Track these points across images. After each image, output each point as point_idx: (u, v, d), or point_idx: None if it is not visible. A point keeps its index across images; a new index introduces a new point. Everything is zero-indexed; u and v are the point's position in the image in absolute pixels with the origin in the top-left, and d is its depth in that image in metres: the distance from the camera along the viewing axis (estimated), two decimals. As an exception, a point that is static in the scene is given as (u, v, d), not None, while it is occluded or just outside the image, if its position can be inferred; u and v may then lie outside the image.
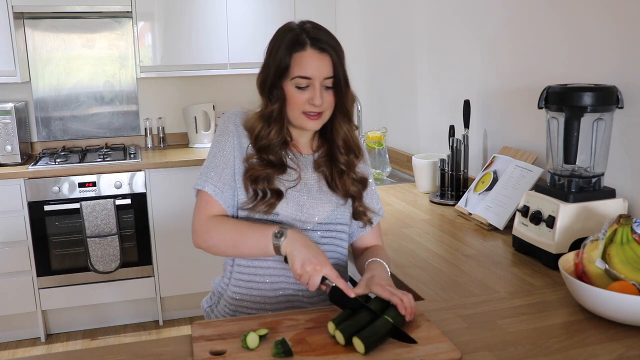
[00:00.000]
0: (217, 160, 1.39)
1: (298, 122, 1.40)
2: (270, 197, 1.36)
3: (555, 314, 1.30)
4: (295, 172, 1.41)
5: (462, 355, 1.10)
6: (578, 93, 1.55)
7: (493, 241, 1.84)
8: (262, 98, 1.42)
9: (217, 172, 1.38)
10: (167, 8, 3.51)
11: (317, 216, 1.41)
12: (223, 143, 1.41)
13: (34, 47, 3.62)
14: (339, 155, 1.45)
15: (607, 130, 1.61)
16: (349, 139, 1.46)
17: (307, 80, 1.35)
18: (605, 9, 1.70)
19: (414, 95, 2.89)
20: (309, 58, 1.34)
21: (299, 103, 1.36)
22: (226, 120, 1.43)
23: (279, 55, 1.36)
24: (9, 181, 3.14)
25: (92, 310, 3.48)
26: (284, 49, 1.35)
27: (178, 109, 3.89)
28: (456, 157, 2.27)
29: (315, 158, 1.47)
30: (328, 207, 1.43)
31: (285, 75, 1.36)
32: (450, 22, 2.53)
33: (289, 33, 1.37)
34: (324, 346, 1.11)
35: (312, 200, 1.41)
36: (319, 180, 1.45)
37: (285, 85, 1.37)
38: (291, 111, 1.38)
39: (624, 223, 1.31)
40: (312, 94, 1.35)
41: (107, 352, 1.16)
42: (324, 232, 1.43)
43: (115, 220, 3.24)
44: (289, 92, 1.37)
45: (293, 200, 1.39)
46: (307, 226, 1.41)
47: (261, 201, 1.36)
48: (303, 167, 1.44)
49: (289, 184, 1.40)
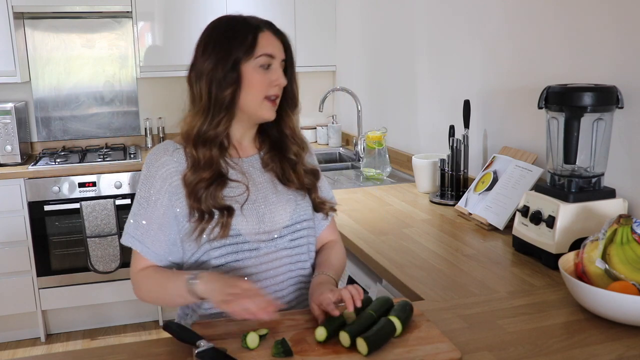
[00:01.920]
0: (142, 213, 1.30)
1: (256, 111, 1.32)
2: (220, 216, 1.27)
3: (555, 314, 1.30)
4: (240, 184, 1.32)
5: (462, 355, 1.10)
6: (578, 93, 1.55)
7: (493, 241, 1.84)
8: (203, 89, 1.30)
9: (143, 227, 1.30)
10: (167, 8, 3.51)
11: (280, 221, 1.35)
12: (146, 192, 1.30)
13: (34, 47, 3.62)
14: (290, 145, 1.40)
15: (607, 130, 1.61)
16: (295, 128, 1.41)
17: (270, 59, 1.30)
18: (606, 8, 1.70)
19: (414, 95, 2.89)
20: (270, 38, 1.32)
21: (262, 85, 1.29)
22: (148, 162, 1.33)
23: (239, 38, 1.28)
24: (9, 181, 3.14)
25: (92, 310, 3.48)
26: (244, 31, 1.29)
27: (178, 109, 3.86)
28: (456, 157, 2.27)
29: (262, 156, 1.41)
30: (289, 207, 1.37)
31: (247, 57, 1.28)
32: (450, 22, 2.52)
33: (235, 20, 1.32)
34: (324, 346, 1.11)
35: (271, 206, 1.35)
36: (271, 180, 1.38)
37: (244, 68, 1.28)
38: (251, 96, 1.30)
39: (624, 223, 1.31)
40: (277, 74, 1.31)
41: (107, 352, 1.16)
42: (292, 235, 1.37)
43: (115, 220, 3.24)
44: (250, 74, 1.29)
45: (251, 213, 1.32)
46: (274, 234, 1.34)
47: (208, 222, 1.27)
48: (251, 172, 1.37)
49: (239, 198, 1.31)
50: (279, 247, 1.35)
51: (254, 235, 1.32)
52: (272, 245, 1.34)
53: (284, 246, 1.36)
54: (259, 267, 1.33)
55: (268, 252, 1.34)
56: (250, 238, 1.31)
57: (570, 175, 1.61)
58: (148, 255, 1.31)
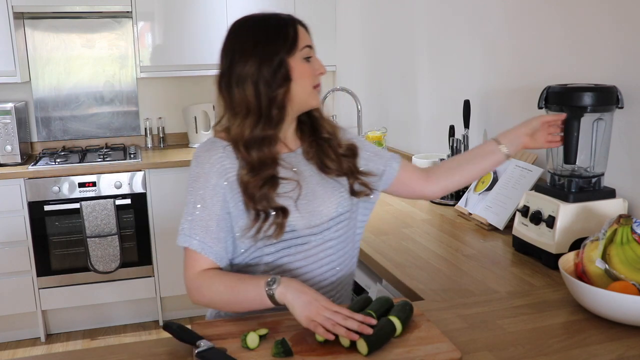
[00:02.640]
0: (199, 212, 1.28)
1: (307, 101, 1.34)
2: (275, 217, 1.28)
3: (555, 314, 1.30)
4: (291, 181, 1.32)
5: (462, 355, 1.10)
6: (578, 93, 1.55)
7: (493, 241, 1.84)
8: (248, 93, 1.28)
9: (201, 225, 1.27)
10: (167, 8, 3.51)
11: (327, 213, 1.36)
12: (202, 190, 1.29)
13: (34, 47, 3.62)
14: (322, 124, 1.41)
15: (607, 130, 1.61)
16: (322, 111, 1.43)
17: (310, 50, 1.34)
18: (606, 9, 1.70)
19: (414, 95, 2.89)
20: (303, 31, 1.35)
21: (310, 76, 1.32)
22: (199, 160, 1.32)
23: (280, 34, 1.28)
24: (9, 181, 3.14)
25: (92, 310, 3.48)
26: (282, 27, 1.30)
27: (178, 109, 3.89)
28: (456, 157, 2.27)
29: (303, 147, 1.41)
30: (334, 199, 1.38)
31: (292, 51, 1.29)
32: (451, 22, 2.52)
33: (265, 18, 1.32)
34: (324, 346, 1.11)
35: (318, 199, 1.35)
36: (315, 170, 1.39)
37: (291, 63, 1.29)
38: (301, 88, 1.31)
39: (624, 223, 1.31)
40: (318, 63, 1.34)
41: (107, 352, 1.16)
42: (337, 226, 1.38)
43: (115, 220, 3.24)
44: (299, 66, 1.30)
45: (304, 208, 1.32)
46: (323, 227, 1.35)
47: (265, 222, 1.27)
48: (299, 165, 1.38)
49: (291, 194, 1.31)
50: (326, 239, 1.37)
51: (306, 230, 1.33)
52: (321, 237, 1.36)
53: (330, 237, 1.37)
54: (308, 260, 1.35)
55: (317, 244, 1.35)
56: (303, 232, 1.33)
57: (570, 176, 1.61)
58: (210, 255, 1.27)
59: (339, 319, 1.10)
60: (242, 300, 1.23)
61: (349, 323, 1.10)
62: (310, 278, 1.36)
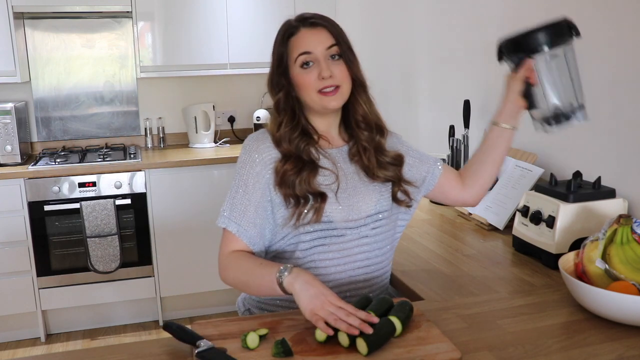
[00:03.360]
0: (240, 197, 1.35)
1: (318, 105, 1.36)
2: (314, 202, 1.32)
3: (555, 314, 1.30)
4: (331, 173, 1.37)
5: (462, 355, 1.10)
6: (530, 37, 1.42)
7: (493, 241, 1.84)
8: (271, 95, 1.42)
9: (239, 209, 1.34)
10: (167, 8, 3.51)
11: (366, 210, 1.39)
12: (245, 176, 1.36)
13: (34, 47, 3.62)
14: (359, 132, 1.42)
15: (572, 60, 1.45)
16: (367, 113, 1.43)
17: (308, 56, 1.34)
18: (607, 9, 1.70)
19: (414, 95, 2.89)
20: (304, 36, 1.36)
21: (310, 83, 1.34)
22: (247, 149, 1.39)
23: (277, 48, 1.39)
24: (9, 181, 3.13)
25: (92, 310, 3.48)
26: (280, 39, 1.38)
27: (178, 109, 3.89)
28: (456, 157, 2.27)
29: (350, 147, 1.44)
30: (374, 197, 1.40)
31: (288, 63, 1.36)
32: (451, 22, 2.52)
33: (283, 26, 1.40)
34: (324, 346, 1.11)
35: (358, 195, 1.39)
36: (357, 172, 1.42)
37: (292, 72, 1.37)
38: (307, 95, 1.36)
39: (624, 223, 1.31)
40: (319, 68, 1.34)
41: (107, 352, 1.16)
42: (374, 223, 1.40)
43: (115, 220, 3.24)
44: (297, 75, 1.36)
45: (343, 201, 1.36)
46: (360, 222, 1.38)
47: (304, 207, 1.32)
48: (339, 161, 1.41)
49: (332, 186, 1.36)
50: (362, 235, 1.39)
51: (343, 222, 1.36)
52: (357, 232, 1.38)
53: (366, 234, 1.40)
54: (342, 253, 1.38)
55: (352, 238, 1.38)
56: (340, 225, 1.36)
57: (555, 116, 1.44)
58: (243, 237, 1.34)
59: (341, 315, 1.11)
60: (257, 284, 1.28)
61: (351, 319, 1.10)
62: (342, 271, 1.39)
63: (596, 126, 1.76)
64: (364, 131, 1.42)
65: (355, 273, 1.40)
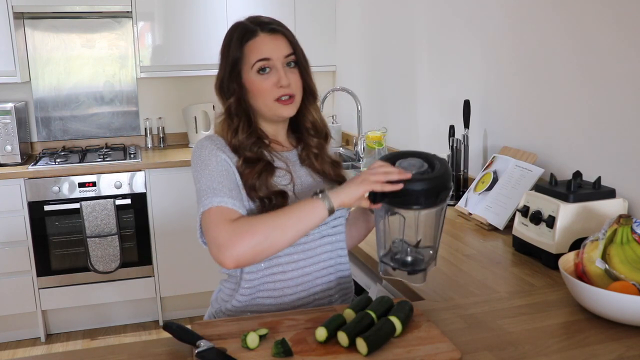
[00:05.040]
0: (217, 176, 1.28)
1: (272, 112, 1.35)
2: (276, 202, 1.31)
3: (555, 314, 1.30)
4: (285, 172, 1.37)
5: (462, 355, 1.10)
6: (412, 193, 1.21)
7: (493, 241, 1.84)
8: (221, 100, 1.39)
9: (223, 184, 1.27)
10: (167, 8, 3.51)
11: None
12: (213, 159, 1.31)
13: (34, 47, 3.62)
14: (309, 138, 1.43)
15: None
16: (317, 121, 1.44)
17: (267, 62, 1.32)
18: (607, 9, 1.70)
19: (414, 95, 2.89)
20: (263, 41, 1.34)
21: (266, 90, 1.33)
22: (208, 148, 1.33)
23: (231, 51, 1.35)
24: (9, 181, 3.14)
25: (92, 310, 3.48)
26: (235, 42, 1.34)
27: (178, 109, 3.89)
28: (456, 157, 2.27)
29: (299, 152, 1.44)
30: None
31: (242, 67, 1.34)
32: (451, 22, 2.52)
33: (237, 28, 1.37)
34: (324, 346, 1.11)
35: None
36: (310, 174, 1.43)
37: (245, 77, 1.34)
38: (262, 101, 1.34)
39: (624, 223, 1.31)
40: (278, 76, 1.32)
41: (107, 352, 1.16)
42: (333, 222, 1.40)
43: (115, 220, 3.24)
44: (252, 81, 1.33)
45: (302, 198, 1.34)
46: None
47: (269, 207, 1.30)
48: (291, 165, 1.41)
49: (288, 187, 1.36)
50: (323, 234, 1.40)
51: None
52: (317, 232, 1.38)
53: (327, 233, 1.40)
54: (306, 254, 1.37)
55: (314, 238, 1.38)
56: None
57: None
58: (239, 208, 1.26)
59: (380, 177, 1.19)
60: (294, 222, 1.21)
61: (391, 176, 1.19)
62: (308, 273, 1.38)
63: (596, 126, 1.76)
64: (314, 137, 1.44)
65: (321, 274, 1.40)
